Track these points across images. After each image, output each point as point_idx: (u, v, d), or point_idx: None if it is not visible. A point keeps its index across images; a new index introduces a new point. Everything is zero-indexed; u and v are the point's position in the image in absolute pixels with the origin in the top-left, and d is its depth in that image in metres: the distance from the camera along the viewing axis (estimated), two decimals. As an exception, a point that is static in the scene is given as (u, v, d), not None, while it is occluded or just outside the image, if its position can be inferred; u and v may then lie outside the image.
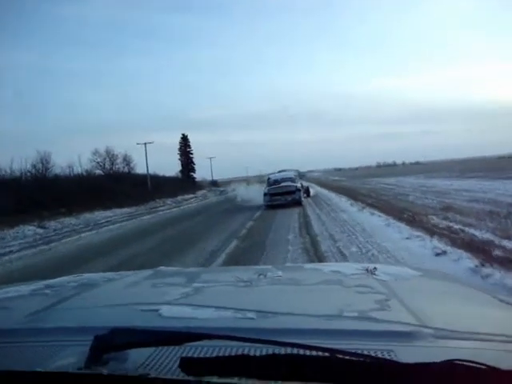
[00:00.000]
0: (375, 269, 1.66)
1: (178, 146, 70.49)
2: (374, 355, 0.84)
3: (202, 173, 76.04)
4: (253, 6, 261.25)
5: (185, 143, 70.85)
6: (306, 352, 0.79)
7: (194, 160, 71.47)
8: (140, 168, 48.13)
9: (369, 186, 35.60)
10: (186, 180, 62.56)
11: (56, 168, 35.81)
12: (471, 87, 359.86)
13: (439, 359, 0.74)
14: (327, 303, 1.33)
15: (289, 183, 23.28)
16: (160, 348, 0.90)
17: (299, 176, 28.03)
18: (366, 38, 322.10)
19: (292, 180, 24.06)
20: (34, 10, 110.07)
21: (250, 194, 30.77)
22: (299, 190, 23.13)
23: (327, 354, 0.77)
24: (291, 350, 0.80)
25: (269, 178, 25.36)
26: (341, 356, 0.75)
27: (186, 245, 11.40)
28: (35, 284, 1.76)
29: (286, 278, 1.71)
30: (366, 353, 0.81)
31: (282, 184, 23.17)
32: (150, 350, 0.90)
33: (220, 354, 0.87)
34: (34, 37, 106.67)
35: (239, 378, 0.73)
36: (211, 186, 70.42)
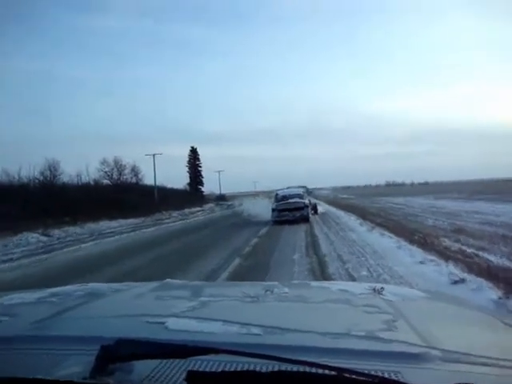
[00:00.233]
0: (382, 289, 1.64)
1: (187, 159, 70.75)
2: (381, 376, 0.83)
3: (209, 186, 75.99)
4: (264, 20, 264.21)
5: (194, 156, 70.96)
6: (313, 370, 0.79)
7: (203, 173, 71.65)
8: (148, 179, 48.11)
9: (378, 205, 35.33)
10: (193, 193, 62.50)
11: (64, 176, 35.97)
12: (482, 108, 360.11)
13: (446, 383, 0.77)
14: (334, 322, 1.32)
15: (297, 199, 23.40)
16: (165, 360, 0.90)
17: (307, 193, 27.84)
18: (377, 57, 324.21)
19: (300, 196, 24.18)
20: (49, 18, 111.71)
21: (257, 209, 30.58)
22: (307, 206, 23.27)
23: (334, 373, 0.77)
24: (298, 368, 0.80)
25: (277, 194, 25.47)
26: (348, 375, 0.76)
27: (185, 262, 10.85)
28: (41, 292, 1.76)
29: (293, 295, 1.71)
30: (373, 373, 0.81)
31: (290, 200, 23.27)
32: (156, 362, 0.89)
33: (226, 369, 0.87)
34: (46, 45, 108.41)
35: None
36: (219, 199, 70.15)
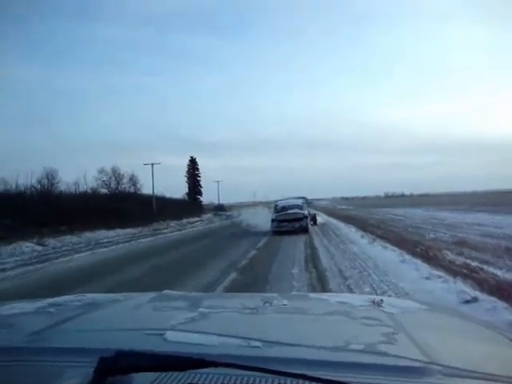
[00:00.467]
0: (382, 301, 1.63)
1: (186, 169, 70.52)
2: None
3: (208, 196, 75.62)
4: (265, 30, 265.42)
5: (193, 166, 70.80)
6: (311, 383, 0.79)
7: (202, 183, 71.38)
8: (146, 189, 47.59)
9: (377, 217, 35.14)
10: (192, 203, 62.18)
11: (62, 185, 35.65)
12: (484, 120, 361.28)
13: None
14: (334, 334, 1.30)
15: (296, 210, 23.54)
16: (165, 373, 0.88)
17: (307, 204, 27.95)
18: (379, 68, 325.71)
19: (299, 207, 24.26)
20: (48, 27, 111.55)
21: (255, 219, 30.44)
22: (306, 217, 23.43)
23: None
24: (298, 382, 0.81)
25: (276, 205, 25.58)
26: None
27: (177, 276, 10.37)
28: (39, 302, 1.74)
29: (292, 307, 1.68)
30: None
31: (290, 211, 23.41)
32: (155, 374, 0.88)
33: (225, 383, 0.86)
34: (45, 53, 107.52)
35: None
36: (217, 209, 69.87)
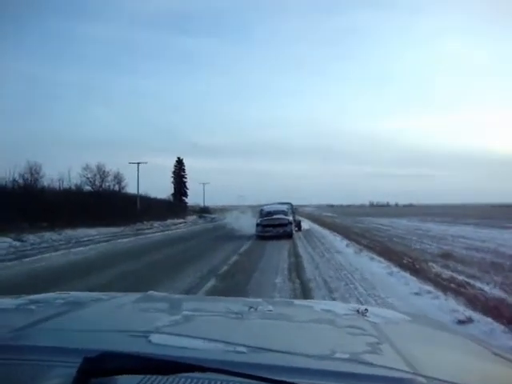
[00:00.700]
0: (366, 310, 1.63)
1: (173, 170, 70.07)
2: None
3: (194, 198, 75.17)
4: (260, 35, 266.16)
5: (180, 167, 70.41)
6: None
7: (188, 184, 70.96)
8: (131, 188, 46.97)
9: (362, 225, 35.14)
10: (177, 204, 61.67)
11: (46, 180, 34.93)
12: (469, 135, 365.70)
13: None
14: (319, 342, 1.30)
15: (281, 216, 23.78)
16: (149, 376, 0.86)
17: (292, 210, 28.00)
18: (366, 80, 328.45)
19: (284, 213, 24.49)
20: (36, 21, 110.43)
21: (240, 223, 30.24)
22: (291, 223, 23.67)
23: None
24: None
25: (262, 210, 25.86)
26: None
27: (151, 281, 9.56)
28: (20, 299, 1.69)
29: (277, 313, 1.66)
30: None
31: (275, 216, 23.63)
32: (139, 377, 0.86)
33: None
34: (32, 48, 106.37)
35: None
36: (202, 212, 69.47)
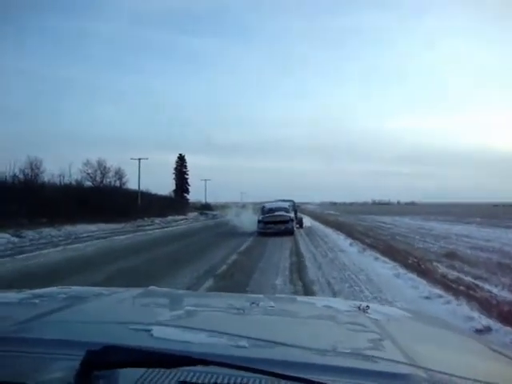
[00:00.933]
0: (368, 307, 1.62)
1: (174, 166, 69.86)
2: None
3: (195, 194, 75.00)
4: (260, 34, 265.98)
5: (181, 163, 70.25)
6: None
7: (189, 181, 70.79)
8: (132, 184, 46.80)
9: (365, 224, 34.87)
10: (178, 200, 61.48)
11: (46, 175, 34.76)
12: (470, 133, 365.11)
13: None
14: (320, 338, 1.29)
15: (283, 213, 23.97)
16: (151, 370, 0.86)
17: (294, 207, 28.18)
18: (371, 79, 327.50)
19: (286, 210, 24.71)
20: (37, 19, 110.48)
21: (241, 220, 30.14)
22: (292, 220, 23.88)
23: None
24: (285, 383, 0.80)
25: (264, 207, 26.23)
26: None
27: (143, 281, 8.84)
28: (23, 293, 1.72)
29: (279, 309, 1.67)
30: None
31: (276, 213, 23.83)
32: (141, 371, 0.86)
33: (212, 381, 0.85)
34: (33, 44, 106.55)
35: None
36: (204, 208, 69.24)
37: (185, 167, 70.40)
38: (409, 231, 25.01)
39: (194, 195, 73.89)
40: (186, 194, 69.61)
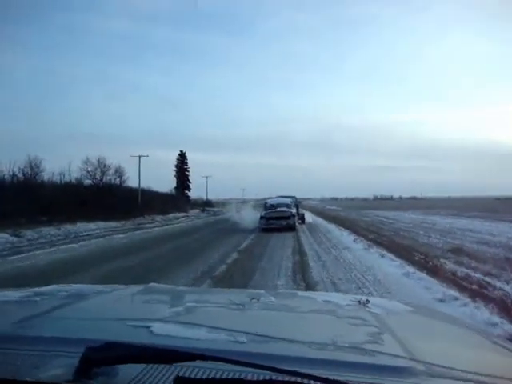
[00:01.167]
0: (368, 301, 1.61)
1: (175, 163, 69.56)
2: None
3: (197, 191, 74.57)
4: (262, 29, 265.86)
5: (182, 160, 69.92)
6: (302, 380, 0.79)
7: (190, 178, 70.43)
8: (133, 181, 46.44)
9: (367, 219, 34.68)
10: (179, 197, 61.12)
11: (46, 174, 34.60)
12: (472, 127, 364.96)
13: None
14: (320, 332, 1.28)
15: (285, 209, 24.42)
16: (151, 365, 0.86)
17: (296, 203, 28.52)
18: (371, 73, 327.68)
19: (288, 206, 25.19)
20: (37, 16, 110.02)
21: (243, 217, 30.11)
22: (294, 215, 24.24)
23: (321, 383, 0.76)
24: (284, 377, 0.79)
25: (266, 203, 26.78)
26: None
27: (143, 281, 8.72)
28: (24, 291, 1.70)
29: (279, 304, 1.67)
30: None
31: (278, 209, 24.28)
32: (141, 366, 0.86)
33: (212, 376, 0.85)
34: (33, 41, 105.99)
35: None
36: (205, 205, 68.91)
37: (186, 164, 70.05)
38: (412, 226, 24.79)
39: (196, 192, 73.55)
40: (187, 191, 69.29)
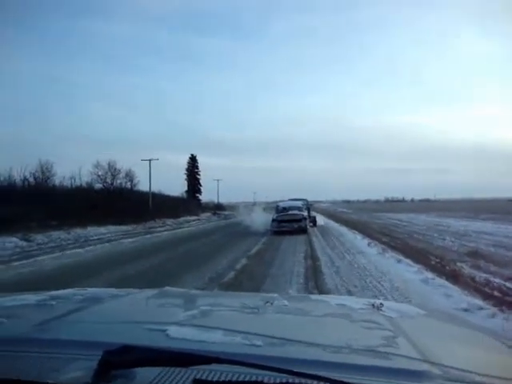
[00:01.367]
0: (381, 305, 1.61)
1: (186, 167, 69.52)
2: None
3: (208, 195, 74.49)
4: (272, 32, 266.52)
5: (193, 164, 69.87)
6: (319, 383, 0.78)
7: (201, 181, 70.34)
8: (143, 185, 46.41)
9: (380, 222, 34.23)
10: (190, 201, 61.07)
11: (57, 178, 34.77)
12: (485, 128, 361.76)
13: None
14: (335, 336, 1.29)
15: (296, 212, 24.65)
16: (167, 369, 0.87)
17: (307, 206, 28.67)
18: (383, 74, 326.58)
19: (299, 209, 25.28)
20: (50, 20, 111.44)
21: (254, 220, 30.02)
22: (305, 218, 24.32)
23: None
24: (300, 380, 0.80)
25: (277, 206, 27.15)
26: None
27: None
28: (40, 294, 1.71)
29: (293, 308, 1.66)
30: None
31: (290, 212, 24.56)
32: (158, 370, 0.86)
33: (227, 379, 0.84)
34: (43, 47, 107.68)
35: None
36: (216, 208, 68.77)
37: (196, 168, 70.00)
38: (426, 229, 24.31)
39: (207, 195, 73.49)
40: (198, 195, 69.23)
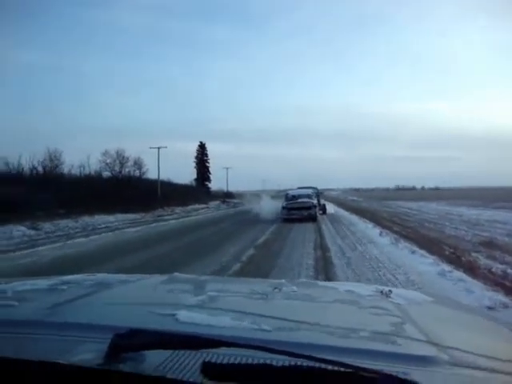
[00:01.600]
0: (390, 291, 1.63)
1: (195, 154, 69.34)
2: (394, 375, 0.80)
3: (217, 183, 74.33)
4: (279, 23, 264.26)
5: (202, 151, 69.67)
6: (327, 366, 0.78)
7: (210, 169, 70.16)
8: (152, 174, 46.31)
9: (390, 210, 33.94)
10: (200, 189, 60.96)
11: (66, 167, 34.78)
12: (496, 116, 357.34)
13: None
14: (343, 321, 1.29)
15: (306, 199, 24.81)
16: (176, 352, 0.88)
17: (317, 194, 29.14)
18: (393, 62, 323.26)
19: (309, 196, 25.60)
20: (55, 11, 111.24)
21: (263, 208, 29.74)
22: (315, 206, 24.64)
23: (349, 370, 0.76)
24: (308, 363, 0.79)
25: (287, 193, 27.32)
26: (363, 373, 0.75)
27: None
28: (52, 279, 1.74)
29: (301, 294, 1.66)
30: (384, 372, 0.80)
31: (300, 200, 24.86)
32: (167, 353, 0.87)
33: (238, 362, 0.85)
34: (49, 36, 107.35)
35: None
36: (226, 197, 68.56)
37: (206, 155, 69.82)
38: (437, 217, 23.94)
39: (216, 183, 73.33)
40: (207, 183, 69.13)
